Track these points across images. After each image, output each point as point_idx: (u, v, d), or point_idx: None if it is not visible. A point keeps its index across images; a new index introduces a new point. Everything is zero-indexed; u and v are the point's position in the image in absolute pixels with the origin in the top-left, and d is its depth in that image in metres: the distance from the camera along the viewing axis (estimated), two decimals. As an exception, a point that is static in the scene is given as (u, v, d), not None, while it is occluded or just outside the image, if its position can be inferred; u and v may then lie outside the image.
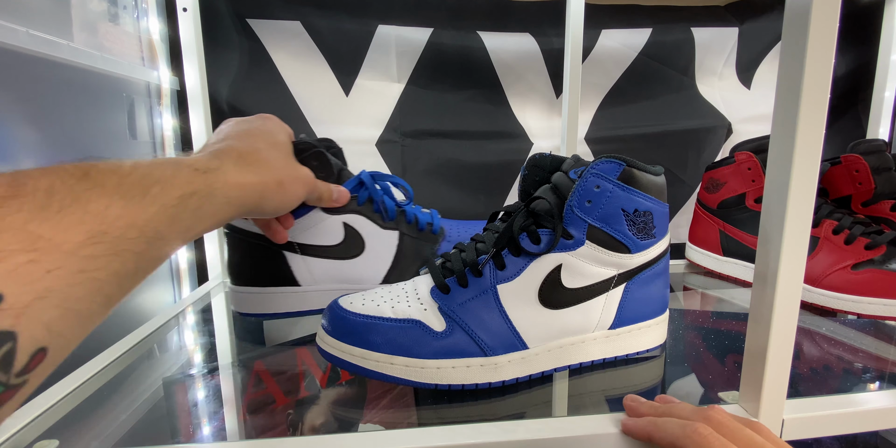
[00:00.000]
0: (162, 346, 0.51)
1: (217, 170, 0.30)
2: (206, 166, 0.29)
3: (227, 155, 0.32)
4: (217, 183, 0.29)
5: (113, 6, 0.63)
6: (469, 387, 0.36)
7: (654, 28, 0.85)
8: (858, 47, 0.91)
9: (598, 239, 0.37)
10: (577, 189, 0.36)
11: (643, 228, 0.38)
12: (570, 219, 0.37)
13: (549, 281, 0.37)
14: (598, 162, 0.36)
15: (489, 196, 0.86)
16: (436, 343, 0.35)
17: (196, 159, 0.30)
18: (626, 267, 0.38)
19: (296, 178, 0.38)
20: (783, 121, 0.29)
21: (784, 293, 0.30)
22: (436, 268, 0.39)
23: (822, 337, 0.50)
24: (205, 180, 0.28)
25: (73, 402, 0.38)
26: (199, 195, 0.27)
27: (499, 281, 0.37)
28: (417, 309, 0.36)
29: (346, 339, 0.35)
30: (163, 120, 0.71)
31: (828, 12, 0.27)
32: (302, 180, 0.40)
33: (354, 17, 0.78)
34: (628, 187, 0.36)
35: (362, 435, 0.32)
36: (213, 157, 0.31)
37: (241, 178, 0.31)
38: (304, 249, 0.47)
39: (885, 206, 0.60)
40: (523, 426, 0.32)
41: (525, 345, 0.37)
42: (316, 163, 0.45)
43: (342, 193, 0.45)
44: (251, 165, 0.33)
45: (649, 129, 0.88)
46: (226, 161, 0.31)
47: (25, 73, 0.48)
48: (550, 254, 0.37)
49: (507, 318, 0.36)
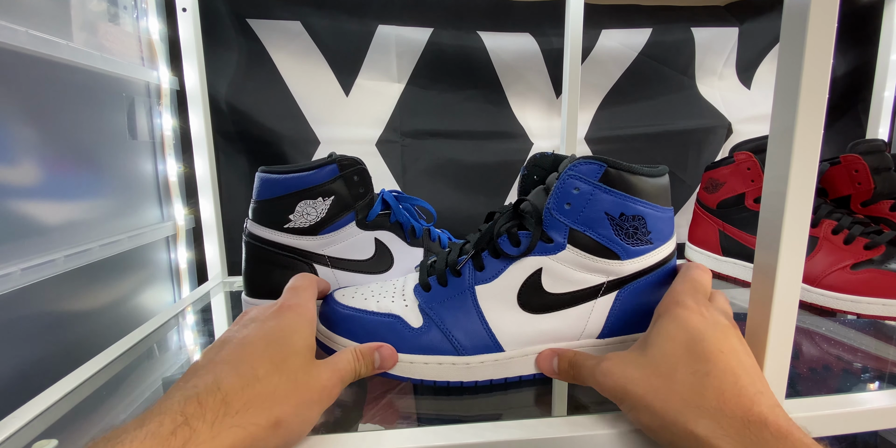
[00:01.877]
0: (162, 346, 0.51)
1: (187, 441, 0.23)
2: (171, 433, 0.23)
3: (205, 403, 0.25)
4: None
5: (112, 6, 0.63)
6: (441, 384, 0.36)
7: (654, 28, 0.85)
8: (858, 47, 0.91)
9: (582, 243, 0.35)
10: (554, 191, 0.35)
11: (633, 234, 0.35)
12: (550, 222, 0.35)
13: (529, 284, 0.36)
14: (576, 163, 0.35)
15: (489, 196, 0.86)
16: (412, 339, 0.36)
17: (162, 420, 0.24)
18: (617, 274, 0.36)
19: (303, 407, 0.29)
20: (782, 121, 0.29)
21: (783, 293, 0.30)
22: (423, 266, 0.39)
23: (821, 337, 0.50)
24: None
25: (72, 401, 0.38)
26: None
27: (477, 282, 0.36)
28: (400, 305, 0.37)
29: (333, 329, 0.38)
30: (162, 120, 0.71)
31: (826, 12, 0.27)
32: (315, 400, 0.30)
33: (354, 17, 0.78)
34: (611, 190, 0.34)
35: (362, 435, 0.32)
36: (183, 420, 0.24)
37: (219, 442, 0.25)
38: (335, 263, 0.48)
39: (884, 206, 0.60)
40: (523, 426, 0.32)
41: (500, 347, 0.36)
42: (357, 178, 0.47)
43: (386, 359, 0.36)
44: (238, 414, 0.26)
45: (649, 129, 0.88)
46: (200, 420, 0.25)
47: (25, 73, 0.48)
48: (530, 257, 0.36)
49: (484, 320, 0.36)
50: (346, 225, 0.47)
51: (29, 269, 0.46)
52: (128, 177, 0.64)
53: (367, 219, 0.48)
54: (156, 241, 0.69)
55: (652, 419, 0.28)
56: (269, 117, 0.77)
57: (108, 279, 0.59)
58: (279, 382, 0.28)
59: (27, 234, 0.47)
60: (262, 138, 0.78)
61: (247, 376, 0.28)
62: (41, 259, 0.48)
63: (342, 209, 0.47)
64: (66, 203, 0.53)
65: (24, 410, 0.36)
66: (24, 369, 0.46)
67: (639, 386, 0.29)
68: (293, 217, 0.46)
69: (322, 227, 0.47)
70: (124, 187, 0.63)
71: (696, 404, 0.27)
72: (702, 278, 0.35)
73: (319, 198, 0.46)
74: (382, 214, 0.49)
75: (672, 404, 0.27)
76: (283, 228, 0.46)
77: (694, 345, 0.29)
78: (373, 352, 0.35)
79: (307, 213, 0.46)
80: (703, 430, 0.26)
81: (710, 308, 0.32)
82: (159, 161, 0.71)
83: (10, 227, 0.45)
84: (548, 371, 0.36)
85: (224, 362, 0.29)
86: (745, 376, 0.27)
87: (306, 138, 0.79)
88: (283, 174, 0.46)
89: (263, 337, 0.31)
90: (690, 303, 0.32)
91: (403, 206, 0.51)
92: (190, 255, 0.75)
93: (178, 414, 0.24)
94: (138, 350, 0.48)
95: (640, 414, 0.29)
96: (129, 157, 0.65)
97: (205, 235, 0.73)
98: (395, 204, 0.50)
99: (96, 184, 0.58)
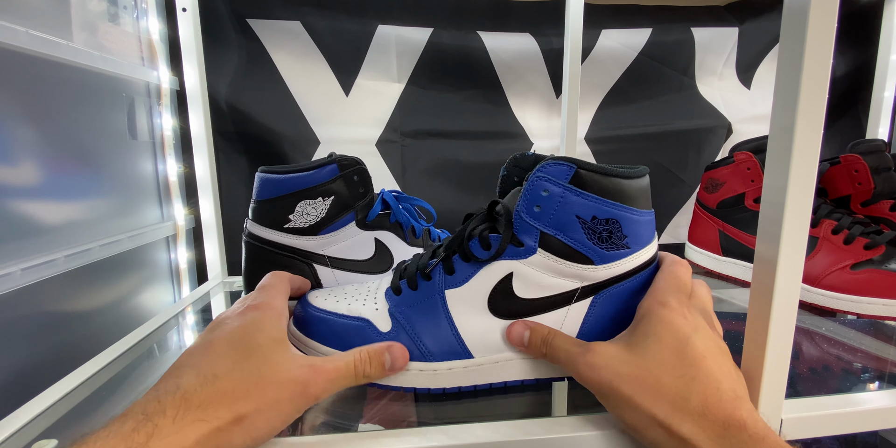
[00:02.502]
0: (162, 346, 0.51)
1: (151, 436, 0.24)
2: (133, 430, 0.24)
3: (165, 401, 0.26)
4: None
5: (112, 6, 0.63)
6: (407, 390, 0.35)
7: (654, 28, 0.85)
8: (858, 47, 0.91)
9: (553, 248, 0.34)
10: (524, 193, 0.34)
11: (607, 238, 0.34)
12: (520, 225, 0.34)
13: (500, 289, 0.35)
14: (544, 164, 0.33)
15: (489, 196, 0.84)
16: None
17: (124, 420, 0.25)
18: (591, 280, 0.34)
19: (269, 402, 0.28)
20: (782, 120, 0.29)
21: (783, 293, 0.30)
22: (397, 269, 0.39)
23: (821, 337, 0.50)
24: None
25: (71, 401, 0.38)
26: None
27: (447, 286, 0.35)
28: (370, 308, 0.37)
29: (305, 331, 0.37)
30: (162, 120, 0.71)
31: (826, 12, 0.27)
32: (286, 396, 0.29)
33: (354, 17, 0.78)
34: (582, 192, 0.33)
35: (362, 435, 0.32)
36: (144, 417, 0.25)
37: (183, 436, 0.25)
38: (335, 263, 0.48)
39: (884, 206, 0.60)
40: (523, 426, 0.32)
41: (469, 354, 0.35)
42: (357, 178, 0.47)
43: (397, 360, 0.34)
44: (200, 408, 0.26)
45: (649, 129, 0.88)
46: (161, 416, 0.25)
47: (25, 73, 0.48)
48: (500, 261, 0.34)
49: (453, 325, 0.35)
50: (346, 225, 0.47)
51: (29, 268, 0.46)
52: (128, 177, 0.64)
53: (367, 219, 0.48)
54: (156, 241, 0.69)
55: (638, 419, 0.29)
56: (269, 117, 0.77)
57: (108, 279, 0.59)
58: (240, 378, 0.28)
59: (27, 234, 0.47)
60: (262, 138, 0.78)
61: (206, 375, 0.28)
62: (41, 259, 0.48)
63: (342, 209, 0.47)
64: (66, 203, 0.53)
65: (24, 410, 0.36)
66: (24, 369, 0.46)
67: (627, 385, 0.29)
68: (293, 217, 0.46)
69: (322, 227, 0.47)
70: (124, 187, 0.63)
71: (681, 407, 0.27)
72: (683, 275, 0.35)
73: (319, 198, 0.46)
74: (382, 214, 0.49)
75: (659, 406, 0.28)
76: (283, 228, 0.46)
77: (681, 348, 0.29)
78: (383, 352, 0.34)
79: (307, 213, 0.46)
80: (687, 431, 0.27)
81: (691, 309, 0.32)
82: (159, 161, 0.71)
83: (10, 227, 0.45)
84: (516, 343, 0.35)
85: (186, 366, 0.29)
86: (725, 381, 0.28)
87: (306, 138, 0.79)
88: (282, 174, 0.46)
89: (226, 338, 0.31)
90: (674, 303, 0.32)
91: (403, 207, 0.51)
92: (190, 255, 0.75)
93: (139, 413, 0.25)
94: (138, 350, 0.48)
95: (625, 412, 0.29)
96: (129, 157, 0.65)
97: (205, 235, 0.73)
98: (394, 204, 0.50)
99: (96, 184, 0.58)
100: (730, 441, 0.26)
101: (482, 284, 0.35)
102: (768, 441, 0.25)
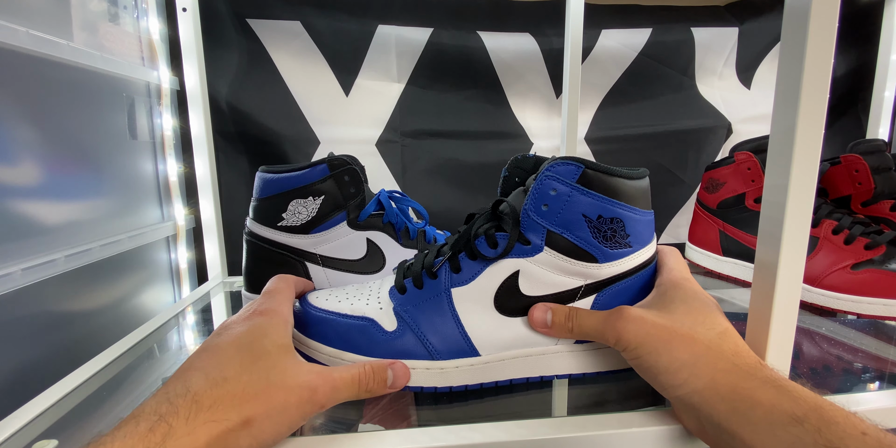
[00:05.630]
0: (162, 346, 0.51)
1: (166, 436, 0.24)
2: (149, 430, 0.24)
3: (176, 403, 0.26)
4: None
5: (113, 6, 0.63)
6: (414, 389, 0.35)
7: (654, 28, 0.85)
8: (858, 47, 0.91)
9: (559, 246, 0.34)
10: (532, 192, 0.34)
11: (611, 236, 0.34)
12: (527, 223, 0.35)
13: (506, 287, 0.35)
14: (553, 164, 0.34)
15: (489, 196, 0.85)
16: (385, 343, 0.35)
17: (138, 422, 0.25)
18: (595, 277, 0.35)
19: (277, 407, 0.28)
20: (782, 121, 0.29)
21: (783, 293, 0.30)
22: (400, 268, 0.39)
23: (821, 337, 0.50)
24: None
25: (72, 401, 0.38)
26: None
27: (453, 284, 0.35)
28: (374, 308, 0.36)
29: (305, 332, 0.37)
30: (162, 120, 0.71)
31: (827, 12, 0.27)
32: (294, 401, 0.29)
33: (354, 17, 0.78)
34: (589, 191, 0.33)
35: (362, 435, 0.32)
36: (158, 418, 0.25)
37: (196, 437, 0.25)
38: (326, 262, 0.48)
39: (884, 205, 0.60)
40: (523, 426, 0.32)
41: (476, 352, 0.35)
42: (348, 178, 0.47)
43: (399, 378, 0.34)
44: (210, 410, 0.26)
45: (649, 129, 0.88)
46: (174, 417, 0.25)
47: (25, 73, 0.48)
48: (507, 259, 0.35)
49: (459, 323, 0.35)
50: (337, 224, 0.47)
51: (29, 269, 0.46)
52: (128, 177, 0.64)
53: (359, 219, 0.48)
54: (156, 241, 0.69)
55: (671, 361, 0.30)
56: (269, 117, 0.77)
57: (108, 279, 0.59)
58: (249, 381, 0.28)
59: (28, 234, 0.47)
60: (262, 138, 0.78)
61: (215, 378, 0.28)
62: (42, 259, 0.48)
63: (333, 209, 0.47)
64: (66, 203, 0.53)
65: (24, 410, 0.35)
66: (25, 369, 0.46)
67: (664, 332, 0.31)
68: (286, 215, 0.47)
69: (313, 226, 0.47)
70: (124, 187, 0.63)
71: (716, 349, 0.30)
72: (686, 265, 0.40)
73: (310, 197, 0.46)
74: (375, 215, 0.49)
75: (695, 348, 0.30)
76: (277, 226, 0.47)
77: (709, 313, 0.33)
78: (386, 369, 0.34)
79: (298, 211, 0.47)
80: (722, 367, 0.29)
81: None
82: (159, 161, 0.71)
83: (10, 227, 0.45)
84: (539, 325, 0.35)
85: (194, 369, 0.29)
86: (746, 345, 0.32)
87: (306, 138, 0.79)
88: (277, 174, 0.47)
89: (233, 343, 0.31)
90: (695, 280, 0.36)
91: (398, 207, 0.51)
92: (190, 255, 0.75)
93: (152, 414, 0.25)
94: (138, 350, 0.48)
95: (661, 357, 0.31)
96: (129, 157, 0.65)
97: (205, 235, 0.73)
98: (388, 205, 0.50)
99: (97, 184, 0.58)
100: (764, 372, 0.28)
101: (489, 282, 0.35)
102: (793, 385, 0.28)
